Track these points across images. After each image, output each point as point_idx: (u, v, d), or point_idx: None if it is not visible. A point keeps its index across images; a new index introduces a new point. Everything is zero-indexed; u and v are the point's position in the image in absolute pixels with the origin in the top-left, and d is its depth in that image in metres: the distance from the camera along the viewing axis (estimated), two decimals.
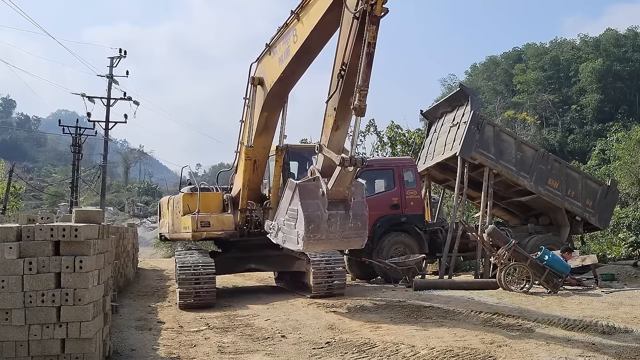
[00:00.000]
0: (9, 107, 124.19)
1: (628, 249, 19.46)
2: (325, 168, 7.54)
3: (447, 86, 68.41)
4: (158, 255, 38.31)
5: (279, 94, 9.23)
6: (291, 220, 7.66)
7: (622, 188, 24.09)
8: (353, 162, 7.06)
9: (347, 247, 8.31)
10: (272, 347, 6.97)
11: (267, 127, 9.86)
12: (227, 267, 11.64)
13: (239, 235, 10.88)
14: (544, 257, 11.80)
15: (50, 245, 5.24)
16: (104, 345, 5.93)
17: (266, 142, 10.18)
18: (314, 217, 7.34)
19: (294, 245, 7.75)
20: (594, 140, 47.91)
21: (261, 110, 9.49)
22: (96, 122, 32.59)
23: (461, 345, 6.74)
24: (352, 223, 7.54)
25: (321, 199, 7.40)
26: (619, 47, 59.17)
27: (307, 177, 7.79)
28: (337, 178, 7.21)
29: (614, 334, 7.37)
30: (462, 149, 14.93)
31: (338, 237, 7.57)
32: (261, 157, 10.33)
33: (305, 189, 7.53)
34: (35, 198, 61.46)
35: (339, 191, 7.37)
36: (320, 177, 7.49)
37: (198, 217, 10.61)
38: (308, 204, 7.41)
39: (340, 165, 7.04)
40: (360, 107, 6.61)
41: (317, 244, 7.65)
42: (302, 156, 12.41)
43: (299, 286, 12.05)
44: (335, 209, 7.44)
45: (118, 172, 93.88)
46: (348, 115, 7.11)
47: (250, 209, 10.71)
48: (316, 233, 7.35)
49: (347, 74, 6.91)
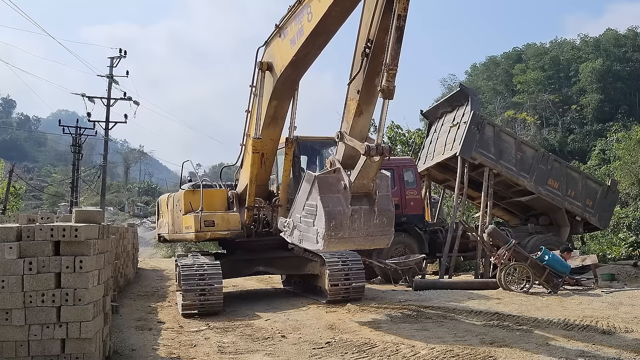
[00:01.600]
0: (9, 107, 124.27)
1: (628, 249, 19.45)
2: (347, 158, 6.92)
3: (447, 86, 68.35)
4: (158, 255, 38.31)
5: (290, 81, 8.40)
6: (309, 217, 6.96)
7: (622, 188, 24.08)
8: (380, 151, 6.36)
9: (372, 246, 7.46)
10: (272, 347, 6.97)
11: (276, 117, 9.01)
12: (233, 271, 10.71)
13: (245, 236, 10.17)
14: (544, 257, 11.80)
15: (50, 245, 5.24)
16: (104, 345, 5.92)
17: (275, 133, 9.29)
18: (335, 212, 6.67)
19: (313, 244, 7.03)
20: (594, 140, 47.87)
21: (270, 99, 8.64)
22: (96, 122, 32.61)
23: (461, 345, 6.74)
24: (377, 219, 6.89)
25: (343, 193, 6.74)
26: (619, 47, 59.10)
27: (326, 169, 7.12)
28: (362, 169, 6.56)
29: (614, 334, 7.37)
30: (462, 149, 14.94)
31: (362, 235, 6.91)
32: (269, 150, 9.45)
33: (325, 182, 6.84)
34: (35, 198, 61.45)
35: (362, 184, 6.73)
36: (342, 169, 6.86)
37: (201, 216, 9.86)
38: (328, 198, 6.73)
39: (366, 154, 6.37)
40: (388, 88, 5.92)
41: (339, 243, 6.95)
42: (312, 149, 11.55)
43: (310, 290, 11.30)
44: (359, 204, 6.78)
45: (118, 172, 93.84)
46: (373, 98, 6.52)
47: (258, 206, 9.96)
48: (338, 231, 6.69)
49: (373, 52, 6.25)
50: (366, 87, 6.44)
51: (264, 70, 8.70)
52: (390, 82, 5.90)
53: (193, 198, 10.40)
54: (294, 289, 12.64)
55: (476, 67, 72.15)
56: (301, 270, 10.85)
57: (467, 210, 21.37)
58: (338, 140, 6.89)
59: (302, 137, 10.55)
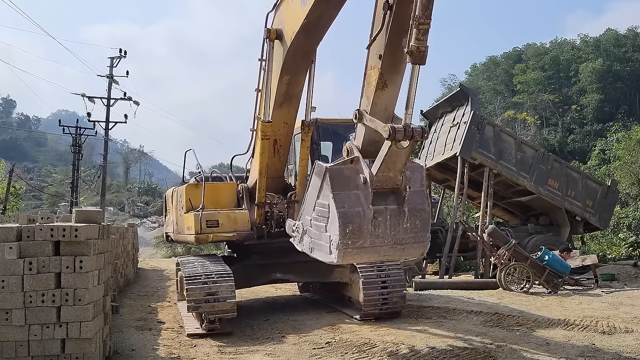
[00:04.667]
0: (9, 107, 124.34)
1: (628, 249, 19.45)
2: (368, 144, 5.49)
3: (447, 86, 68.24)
4: (158, 255, 38.31)
5: (303, 50, 6.96)
6: (320, 220, 5.55)
7: (622, 188, 24.10)
8: (409, 134, 4.91)
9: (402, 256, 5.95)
10: (272, 347, 6.98)
11: (289, 95, 7.54)
12: (246, 279, 9.07)
13: (256, 237, 8.66)
14: (544, 257, 11.81)
15: (50, 245, 5.25)
16: (104, 345, 5.93)
17: (288, 115, 7.83)
18: (352, 215, 5.23)
19: (325, 255, 5.56)
20: (594, 140, 47.84)
21: (281, 73, 7.21)
22: (96, 122, 32.62)
23: (461, 345, 6.75)
24: (408, 222, 5.41)
25: (363, 190, 5.29)
26: (619, 47, 59.10)
27: (341, 158, 5.57)
28: (386, 158, 5.09)
29: (614, 334, 7.38)
30: (462, 149, 14.94)
31: (388, 244, 5.41)
32: (283, 135, 8.01)
33: (339, 176, 5.36)
34: (35, 198, 61.43)
35: (388, 177, 5.28)
36: (361, 158, 5.39)
37: (202, 215, 8.36)
38: (344, 196, 5.30)
39: (391, 139, 4.90)
40: (419, 49, 4.55)
41: (359, 254, 5.41)
42: (337, 134, 9.79)
43: (337, 300, 9.81)
44: (384, 203, 5.34)
45: (118, 172, 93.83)
46: (401, 64, 5.04)
47: (271, 202, 8.42)
48: (356, 238, 5.24)
49: (398, 3, 4.86)
50: (390, 50, 5.00)
51: (272, 39, 7.28)
52: (421, 42, 4.55)
53: (195, 193, 8.91)
54: (314, 296, 11.28)
55: (476, 67, 72.12)
56: (327, 278, 9.31)
57: (467, 210, 21.37)
58: (356, 121, 5.46)
59: (322, 120, 9.03)
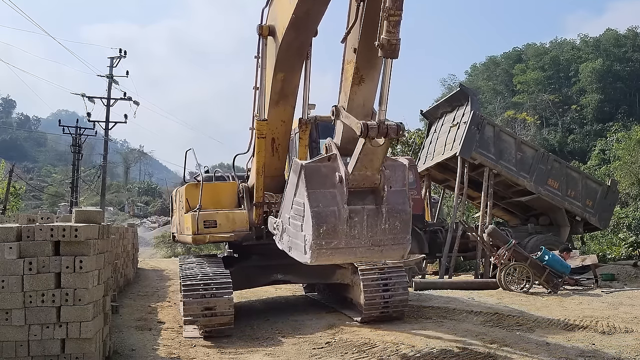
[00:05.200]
0: (9, 107, 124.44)
1: (628, 249, 19.46)
2: (347, 142, 5.33)
3: (447, 86, 68.30)
4: (158, 255, 38.33)
5: (295, 46, 6.80)
6: (297, 219, 5.39)
7: (622, 188, 24.11)
8: (383, 131, 4.69)
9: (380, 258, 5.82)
10: (272, 347, 6.98)
11: (285, 93, 7.35)
12: (246, 280, 9.02)
13: (254, 238, 8.46)
14: (544, 257, 11.81)
15: (50, 245, 5.25)
16: (104, 345, 5.93)
17: (285, 113, 7.65)
18: (326, 214, 5.05)
19: (301, 255, 5.41)
20: (594, 140, 47.89)
21: (275, 71, 7.04)
22: (96, 122, 32.64)
23: (461, 345, 6.74)
24: (386, 223, 5.23)
25: (339, 188, 5.10)
26: (619, 47, 59.16)
27: (320, 156, 5.46)
28: (361, 156, 4.91)
29: (614, 334, 7.38)
30: (462, 149, 14.95)
31: (365, 245, 5.23)
32: (281, 133, 7.85)
33: (315, 173, 5.16)
34: (35, 198, 61.46)
35: (365, 176, 5.09)
36: (339, 156, 5.20)
37: (199, 215, 8.27)
38: (319, 195, 5.10)
39: (363, 136, 4.70)
40: (389, 42, 4.36)
41: (333, 255, 5.23)
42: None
43: (340, 301, 9.79)
44: (361, 203, 5.16)
45: (118, 172, 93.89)
46: (377, 58, 4.78)
47: (269, 202, 8.19)
48: (331, 238, 5.07)
49: None
50: (365, 43, 4.79)
51: (265, 35, 7.17)
52: (392, 34, 4.36)
53: (194, 193, 8.79)
54: (318, 297, 11.29)
55: (476, 67, 72.19)
56: (328, 279, 9.25)
57: (467, 210, 21.38)
58: (334, 117, 5.32)
59: (321, 118, 8.84)
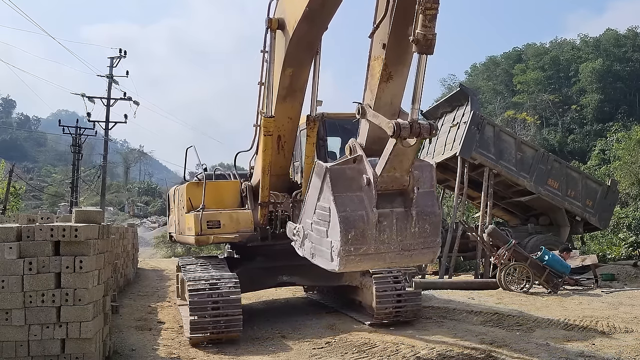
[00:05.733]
0: (9, 107, 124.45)
1: (628, 249, 19.47)
2: (373, 142, 5.07)
3: (447, 86, 68.27)
4: (158, 255, 38.32)
5: (307, 40, 6.57)
6: (321, 224, 5.13)
7: (622, 188, 24.10)
8: (415, 131, 4.52)
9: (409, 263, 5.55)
10: (272, 347, 6.98)
11: (293, 89, 7.12)
12: (251, 283, 8.60)
13: (259, 239, 8.24)
14: (544, 257, 11.81)
15: (50, 245, 5.25)
16: (104, 345, 5.93)
17: (293, 110, 7.42)
18: (355, 219, 4.82)
19: (327, 262, 5.13)
20: (594, 140, 47.87)
21: (283, 66, 6.82)
22: (96, 122, 32.62)
23: (461, 345, 6.75)
24: (416, 226, 5.02)
25: (367, 191, 4.87)
26: (619, 47, 59.14)
27: (343, 157, 5.17)
28: (391, 157, 4.70)
29: (614, 334, 7.38)
30: (462, 149, 14.95)
31: (395, 250, 5.01)
32: (287, 130, 7.62)
33: (340, 176, 4.94)
34: (35, 198, 61.43)
35: (394, 178, 4.88)
36: (364, 157, 4.97)
37: (203, 215, 8.00)
38: (346, 199, 4.88)
39: (395, 136, 4.51)
40: (426, 37, 4.18)
41: (362, 261, 4.98)
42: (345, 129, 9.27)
43: (346, 304, 9.41)
44: (390, 206, 4.94)
45: (118, 172, 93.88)
46: (406, 54, 4.63)
47: (275, 202, 8.02)
48: (359, 244, 4.84)
49: None
50: (395, 38, 4.58)
51: (274, 29, 6.88)
52: (428, 29, 4.17)
53: (196, 192, 8.52)
54: (318, 297, 10.93)
55: (476, 67, 72.14)
56: (336, 281, 8.84)
57: (467, 210, 21.38)
58: (359, 116, 5.08)
59: (329, 114, 8.64)
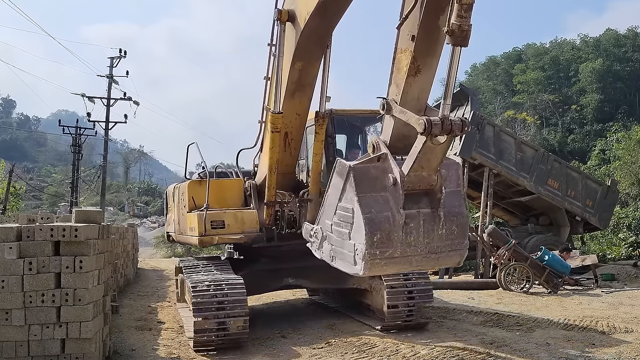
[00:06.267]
0: (9, 107, 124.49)
1: (628, 249, 19.47)
2: (397, 139, 4.80)
3: None
4: (158, 255, 38.31)
5: (318, 34, 6.34)
6: (343, 226, 4.89)
7: (622, 188, 24.10)
8: (447, 128, 4.27)
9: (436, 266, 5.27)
10: (272, 348, 6.98)
11: (302, 84, 6.92)
12: (256, 285, 8.21)
13: (265, 240, 7.91)
14: (544, 257, 11.82)
15: (50, 245, 5.25)
16: (104, 345, 5.93)
17: (301, 106, 7.21)
18: (380, 221, 4.59)
19: (349, 266, 4.89)
20: (594, 140, 47.90)
21: (292, 59, 6.58)
22: (96, 122, 32.63)
23: (461, 345, 6.75)
24: (443, 228, 4.78)
25: (392, 192, 4.63)
26: (619, 47, 59.19)
27: (366, 156, 4.85)
28: (420, 155, 4.45)
29: (614, 334, 7.38)
30: (462, 149, 14.94)
31: (421, 253, 4.77)
32: (295, 127, 7.40)
33: (365, 176, 4.70)
34: (35, 198, 61.44)
35: (421, 177, 4.62)
36: (390, 155, 4.70)
37: (207, 215, 7.69)
38: (370, 199, 4.65)
39: (426, 133, 4.26)
40: (460, 28, 3.98)
41: (387, 265, 4.74)
42: (353, 126, 9.03)
43: (354, 307, 9.10)
44: (416, 207, 4.70)
45: (118, 172, 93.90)
46: (437, 46, 4.46)
47: (281, 201, 7.76)
48: (385, 247, 4.61)
49: None
50: (425, 29, 4.38)
51: (283, 21, 6.56)
52: (463, 20, 3.98)
53: (198, 191, 8.20)
54: (324, 301, 10.46)
55: (476, 67, 72.14)
56: (344, 284, 8.43)
57: (467, 210, 21.36)
58: (383, 112, 4.78)
59: (338, 111, 8.36)
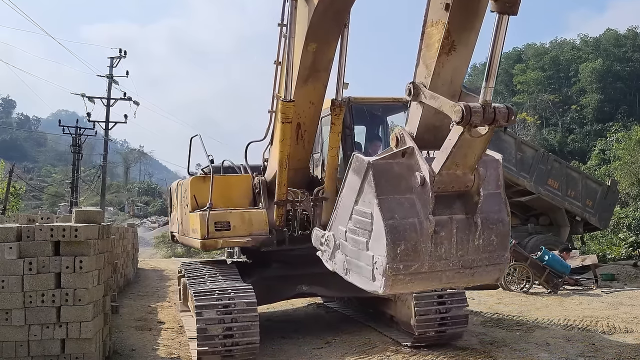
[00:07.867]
0: (9, 107, 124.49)
1: (628, 249, 19.47)
2: (426, 131, 3.92)
3: None
4: (158, 255, 38.30)
5: (335, 10, 5.59)
6: (359, 234, 4.02)
7: (622, 188, 24.10)
8: (489, 117, 3.43)
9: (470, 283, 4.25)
10: (272, 347, 6.97)
11: (317, 68, 6.13)
12: (267, 294, 7.25)
13: (275, 243, 6.93)
14: (544, 257, 11.81)
15: (50, 245, 5.25)
16: (104, 345, 5.93)
17: (315, 93, 6.40)
18: (405, 229, 3.74)
19: (366, 282, 4.07)
20: (594, 140, 47.92)
21: (305, 41, 5.82)
22: (96, 122, 32.64)
23: (461, 345, 6.74)
24: (480, 238, 3.95)
25: (419, 194, 3.76)
26: (619, 47, 59.24)
27: (389, 150, 3.97)
28: (455, 150, 3.59)
29: (614, 334, 7.38)
30: None
31: (453, 268, 3.94)
32: (308, 117, 6.58)
33: (386, 174, 3.84)
34: (35, 198, 61.43)
35: (455, 176, 3.79)
36: (417, 150, 3.82)
37: (210, 215, 6.78)
38: (393, 202, 3.80)
39: (464, 123, 3.41)
40: None
41: (413, 282, 3.89)
42: (373, 116, 7.98)
43: (375, 318, 8.17)
44: (447, 212, 3.86)
45: (118, 172, 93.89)
46: (476, 17, 3.61)
47: (294, 200, 6.77)
48: (411, 261, 3.75)
49: None
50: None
51: None
52: None
53: (202, 188, 7.25)
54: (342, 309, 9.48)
55: (476, 67, 72.19)
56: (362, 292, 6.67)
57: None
58: (410, 98, 3.91)
59: (356, 99, 7.46)
